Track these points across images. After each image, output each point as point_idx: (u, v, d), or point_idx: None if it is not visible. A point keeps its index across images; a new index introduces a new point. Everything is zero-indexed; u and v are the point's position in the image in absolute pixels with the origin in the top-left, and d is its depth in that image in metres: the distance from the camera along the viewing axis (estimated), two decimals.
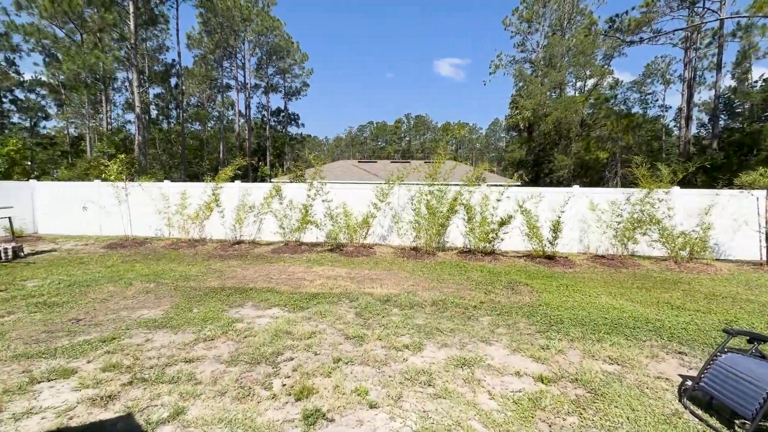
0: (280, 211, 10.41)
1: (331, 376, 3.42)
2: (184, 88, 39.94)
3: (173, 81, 38.55)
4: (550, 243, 8.96)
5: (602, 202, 9.54)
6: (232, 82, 43.14)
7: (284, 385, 3.25)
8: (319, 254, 9.53)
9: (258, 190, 11.47)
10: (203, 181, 11.06)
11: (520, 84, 36.91)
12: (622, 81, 40.02)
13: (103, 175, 11.05)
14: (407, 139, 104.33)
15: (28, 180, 14.12)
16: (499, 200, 9.52)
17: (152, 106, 37.37)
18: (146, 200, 11.75)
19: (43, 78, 27.76)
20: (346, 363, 3.70)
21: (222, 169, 10.73)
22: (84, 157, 21.01)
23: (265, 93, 47.36)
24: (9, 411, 2.85)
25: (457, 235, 10.54)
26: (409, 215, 10.48)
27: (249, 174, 37.41)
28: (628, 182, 14.61)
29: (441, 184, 9.94)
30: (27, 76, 28.51)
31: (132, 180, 11.71)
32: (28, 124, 29.37)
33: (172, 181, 13.32)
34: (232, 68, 42.99)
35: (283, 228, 10.38)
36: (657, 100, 44.56)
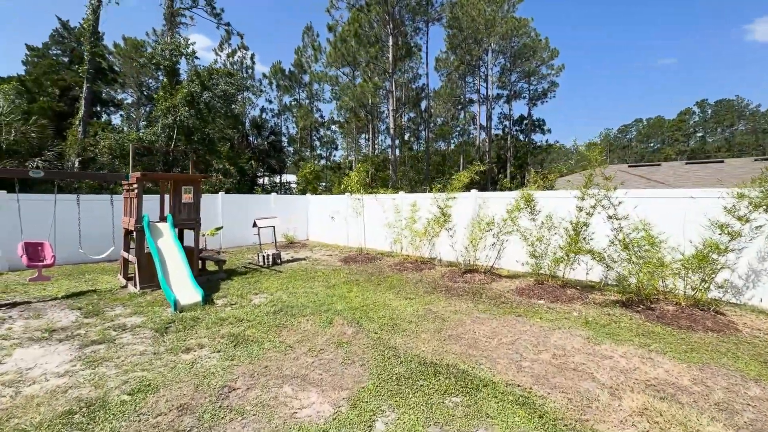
0: (530, 232, 7.03)
1: None
2: (432, 110, 42.98)
3: (423, 105, 42.11)
4: None
5: None
6: (474, 96, 43.04)
7: None
8: (603, 310, 5.48)
9: (498, 201, 8.55)
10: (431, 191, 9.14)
11: None
12: None
13: (342, 186, 11.11)
14: (699, 134, 76.51)
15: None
16: None
17: (405, 129, 41.95)
18: (379, 212, 11.08)
19: (335, 117, 35.72)
20: None
21: (456, 173, 8.46)
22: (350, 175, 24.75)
23: (507, 101, 44.72)
24: None
25: None
26: None
27: (488, 187, 35.57)
28: None
29: None
30: (326, 117, 38.05)
31: (373, 192, 11.33)
32: (325, 153, 38.83)
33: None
34: (475, 82, 42.97)
35: (535, 256, 6.92)
36: None
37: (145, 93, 26.62)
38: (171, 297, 5.52)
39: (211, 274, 8.10)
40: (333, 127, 37.81)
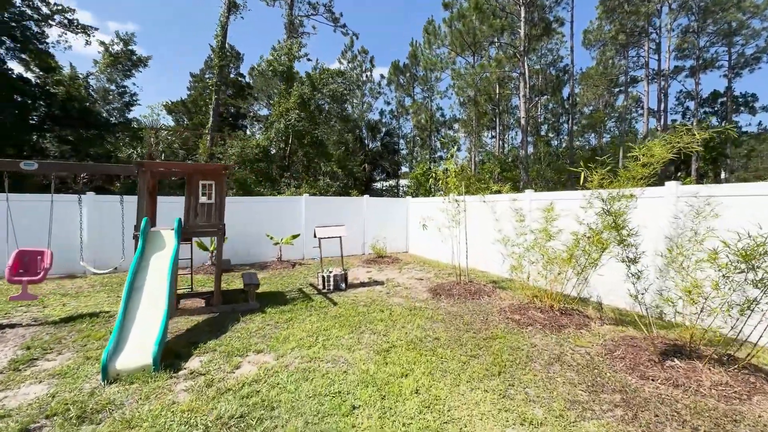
0: None
1: None
2: (577, 97, 35.51)
3: (566, 92, 35.01)
4: None
5: None
6: (640, 73, 33.61)
7: None
8: None
9: (746, 203, 4.08)
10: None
11: None
12: None
13: (430, 180, 7.91)
14: None
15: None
16: None
17: (542, 122, 35.51)
18: (489, 221, 7.45)
19: (456, 115, 32.38)
20: None
21: (637, 148, 4.27)
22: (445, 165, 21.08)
23: (692, 74, 33.46)
24: None
25: None
26: None
27: None
28: None
29: None
30: (447, 115, 35.02)
31: (479, 192, 7.72)
32: (445, 155, 35.64)
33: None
34: (640, 55, 33.52)
35: None
36: None
37: (272, 103, 28.51)
38: (104, 356, 3.36)
39: (246, 301, 5.99)
40: (455, 125, 34.46)
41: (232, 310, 5.50)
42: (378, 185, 31.42)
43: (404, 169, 33.86)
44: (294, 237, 9.90)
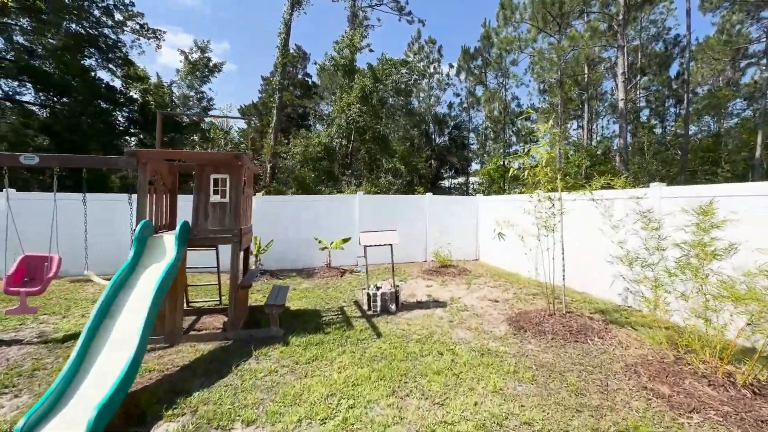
0: None
1: None
2: (689, 75, 29.60)
3: (673, 71, 29.44)
4: None
5: None
6: None
7: None
8: None
9: None
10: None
11: None
12: None
13: (509, 173, 5.98)
14: None
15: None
16: None
17: (641, 104, 30.17)
18: (603, 227, 5.34)
19: (534, 103, 28.97)
20: None
21: None
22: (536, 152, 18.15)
23: None
24: None
25: None
26: None
27: None
28: None
29: None
30: (524, 104, 31.61)
31: (583, 188, 5.59)
32: (522, 150, 32.17)
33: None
34: None
35: None
36: None
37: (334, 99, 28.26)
38: (19, 425, 2.31)
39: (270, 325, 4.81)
40: (533, 116, 30.91)
41: (249, 338, 4.35)
42: (445, 183, 29.37)
43: (475, 166, 31.28)
44: (344, 241, 8.70)
